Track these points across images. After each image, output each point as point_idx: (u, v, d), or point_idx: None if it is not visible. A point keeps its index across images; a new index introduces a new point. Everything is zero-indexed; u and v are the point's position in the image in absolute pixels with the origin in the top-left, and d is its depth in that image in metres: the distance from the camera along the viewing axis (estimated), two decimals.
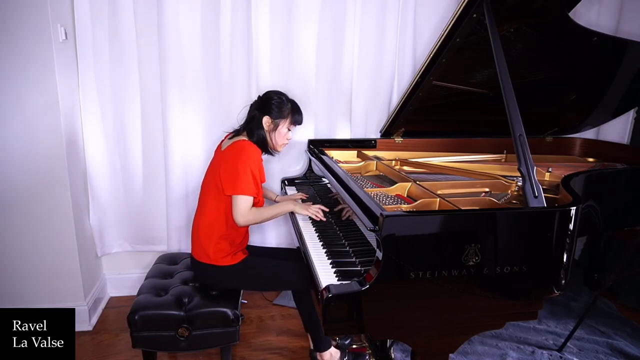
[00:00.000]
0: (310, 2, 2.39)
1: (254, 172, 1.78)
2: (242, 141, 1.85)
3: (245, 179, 1.75)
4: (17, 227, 2.18)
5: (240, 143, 1.84)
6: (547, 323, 2.47)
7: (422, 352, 1.44)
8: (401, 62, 2.56)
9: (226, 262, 1.83)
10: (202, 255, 1.85)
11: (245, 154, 1.79)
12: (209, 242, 1.82)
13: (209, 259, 1.83)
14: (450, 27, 1.85)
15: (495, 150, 2.54)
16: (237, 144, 1.84)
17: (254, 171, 1.78)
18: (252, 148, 1.83)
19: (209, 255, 1.83)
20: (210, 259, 1.83)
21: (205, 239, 1.83)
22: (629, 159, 2.38)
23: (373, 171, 2.25)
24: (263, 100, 1.91)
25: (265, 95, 1.92)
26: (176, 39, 2.30)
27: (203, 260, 1.85)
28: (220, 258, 1.83)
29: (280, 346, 2.26)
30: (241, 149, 1.81)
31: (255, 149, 1.85)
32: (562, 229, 1.35)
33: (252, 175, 1.77)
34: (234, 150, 1.82)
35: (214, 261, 1.83)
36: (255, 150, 1.84)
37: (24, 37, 1.97)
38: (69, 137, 2.19)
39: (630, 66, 2.17)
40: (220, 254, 1.83)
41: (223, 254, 1.83)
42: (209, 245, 1.82)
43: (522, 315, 1.44)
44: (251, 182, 1.76)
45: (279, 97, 1.91)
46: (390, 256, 1.24)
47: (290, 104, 1.93)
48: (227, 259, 1.84)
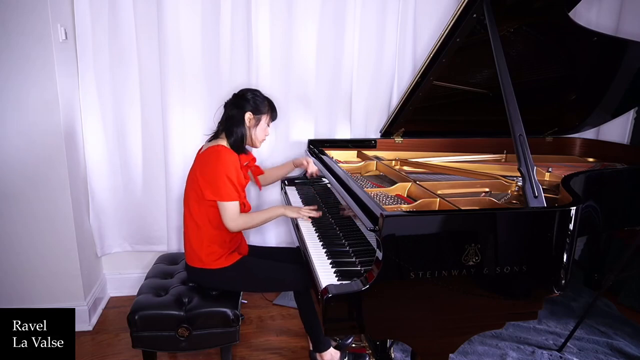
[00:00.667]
0: (310, 2, 2.40)
1: (232, 179, 1.75)
2: (217, 147, 1.79)
3: (224, 186, 1.73)
4: (17, 227, 2.18)
5: (215, 149, 1.79)
6: (547, 323, 2.47)
7: (422, 352, 1.44)
8: (401, 62, 2.56)
9: (220, 265, 1.83)
10: (195, 261, 1.84)
11: (221, 161, 1.75)
12: (200, 247, 1.82)
13: (202, 263, 1.82)
14: (450, 27, 1.85)
15: (495, 150, 2.53)
16: (213, 149, 1.79)
17: (231, 178, 1.75)
18: (227, 153, 1.78)
19: (202, 260, 1.82)
20: (204, 263, 1.82)
21: (196, 244, 1.82)
22: (629, 159, 2.38)
23: (373, 171, 2.24)
24: (240, 97, 1.88)
25: (241, 93, 1.89)
26: (176, 39, 2.30)
27: (197, 265, 1.84)
28: (213, 261, 1.82)
29: (280, 346, 2.26)
30: (216, 155, 1.76)
31: (231, 154, 1.79)
32: (562, 229, 1.35)
33: (230, 182, 1.75)
34: (210, 156, 1.78)
35: (207, 265, 1.82)
36: (231, 155, 1.79)
37: (24, 37, 1.97)
38: (69, 137, 2.19)
39: (630, 66, 2.17)
40: (213, 256, 1.82)
41: (215, 257, 1.82)
42: (200, 250, 1.82)
43: (522, 315, 1.44)
44: (231, 188, 1.75)
45: (256, 94, 1.89)
46: (390, 256, 1.24)
47: (266, 100, 1.92)
48: (220, 261, 1.83)
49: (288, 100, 2.52)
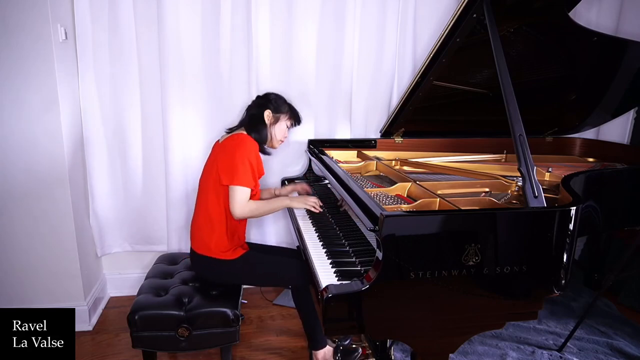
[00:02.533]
0: (310, 2, 2.40)
1: (252, 164, 1.79)
2: (240, 134, 1.88)
3: (243, 169, 1.76)
4: (17, 227, 2.18)
5: (239, 136, 1.86)
6: (547, 323, 2.47)
7: (422, 352, 1.44)
8: (401, 62, 2.56)
9: (227, 257, 1.85)
10: (202, 248, 1.86)
11: (244, 146, 1.81)
12: (211, 236, 1.83)
13: (210, 252, 1.84)
14: (450, 27, 1.85)
15: (495, 150, 2.53)
16: (236, 136, 1.87)
17: (252, 163, 1.79)
18: (250, 141, 1.85)
19: (210, 248, 1.84)
20: (212, 251, 1.84)
21: (206, 232, 1.84)
22: (629, 159, 2.38)
23: (373, 171, 2.25)
24: (262, 97, 2.00)
25: (265, 94, 2.02)
26: (176, 39, 2.30)
27: (204, 252, 1.85)
28: (221, 252, 1.84)
29: (280, 346, 2.26)
30: (240, 141, 1.83)
31: (254, 143, 1.86)
32: (562, 229, 1.35)
33: (251, 167, 1.78)
34: (233, 142, 1.84)
35: (214, 254, 1.84)
36: (254, 144, 1.85)
37: (23, 37, 1.97)
38: (69, 137, 2.19)
39: (630, 66, 2.17)
40: (222, 247, 1.84)
41: (224, 249, 1.84)
42: (210, 239, 1.83)
43: (522, 315, 1.44)
44: (249, 173, 1.77)
45: (279, 96, 2.02)
46: (390, 256, 1.24)
47: (287, 104, 2.02)
48: (228, 253, 1.85)
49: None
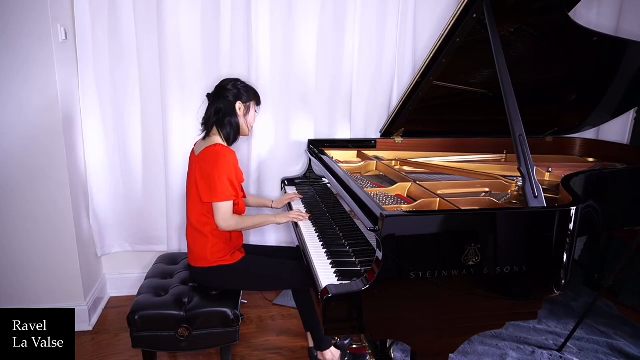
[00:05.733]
0: (310, 2, 2.40)
1: (231, 178, 1.77)
2: (215, 146, 1.78)
3: (221, 186, 1.74)
4: (17, 227, 2.18)
5: (212, 149, 1.77)
6: (547, 323, 2.47)
7: (422, 352, 1.44)
8: (401, 62, 2.56)
9: (226, 262, 1.83)
10: (200, 261, 1.84)
11: (220, 161, 1.74)
12: (205, 246, 1.82)
13: (207, 262, 1.83)
14: (450, 27, 1.85)
15: (495, 150, 2.53)
16: (211, 149, 1.77)
17: (230, 177, 1.76)
18: (226, 153, 1.77)
19: (207, 259, 1.82)
20: (209, 261, 1.82)
21: (200, 244, 1.83)
22: (629, 159, 2.38)
23: (373, 171, 2.25)
24: (223, 89, 1.85)
25: (224, 84, 1.86)
26: (176, 39, 2.30)
27: (202, 265, 1.84)
28: (219, 258, 1.83)
29: (280, 346, 2.26)
30: (216, 155, 1.75)
31: (230, 153, 1.79)
32: (562, 229, 1.35)
33: (230, 181, 1.76)
34: (209, 156, 1.76)
35: (212, 263, 1.82)
36: (230, 154, 1.78)
37: (24, 37, 1.97)
38: (69, 137, 2.19)
39: (630, 66, 2.17)
40: (219, 254, 1.83)
41: (222, 254, 1.83)
42: (205, 249, 1.82)
43: (522, 315, 1.44)
44: (229, 187, 1.76)
45: (238, 82, 1.88)
46: (390, 256, 1.24)
47: (248, 86, 1.91)
48: (226, 258, 1.84)
49: (288, 100, 2.52)
